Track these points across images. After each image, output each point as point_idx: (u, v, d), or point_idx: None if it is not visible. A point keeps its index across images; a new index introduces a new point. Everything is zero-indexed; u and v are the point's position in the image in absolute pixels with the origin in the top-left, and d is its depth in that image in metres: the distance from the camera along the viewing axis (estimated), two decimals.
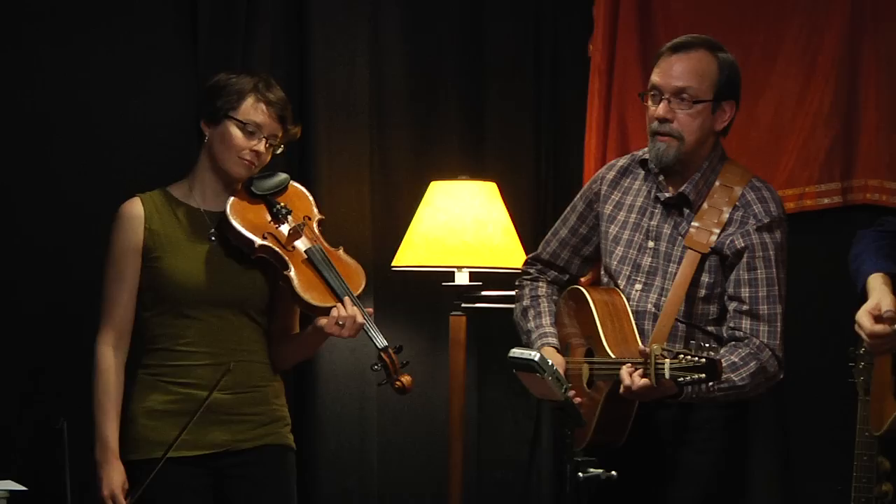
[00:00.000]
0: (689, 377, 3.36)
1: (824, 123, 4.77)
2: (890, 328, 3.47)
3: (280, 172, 3.93)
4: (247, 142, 3.78)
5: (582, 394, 3.68)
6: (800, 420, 4.78)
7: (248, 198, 3.85)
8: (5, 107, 4.40)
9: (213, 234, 3.82)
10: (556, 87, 5.20)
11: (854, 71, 4.74)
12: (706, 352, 3.36)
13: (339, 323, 3.73)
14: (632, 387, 3.47)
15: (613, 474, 3.37)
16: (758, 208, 3.67)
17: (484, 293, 4.77)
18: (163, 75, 4.55)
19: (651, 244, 3.75)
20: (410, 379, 3.77)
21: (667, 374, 3.39)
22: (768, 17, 4.87)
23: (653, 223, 3.76)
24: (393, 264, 4.77)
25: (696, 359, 3.35)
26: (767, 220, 3.66)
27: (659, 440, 3.66)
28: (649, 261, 3.74)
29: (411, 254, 4.72)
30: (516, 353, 3.43)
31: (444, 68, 5.10)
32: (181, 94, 4.52)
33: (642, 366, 3.45)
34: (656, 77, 3.71)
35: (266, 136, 3.80)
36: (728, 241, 3.65)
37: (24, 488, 3.67)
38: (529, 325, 3.89)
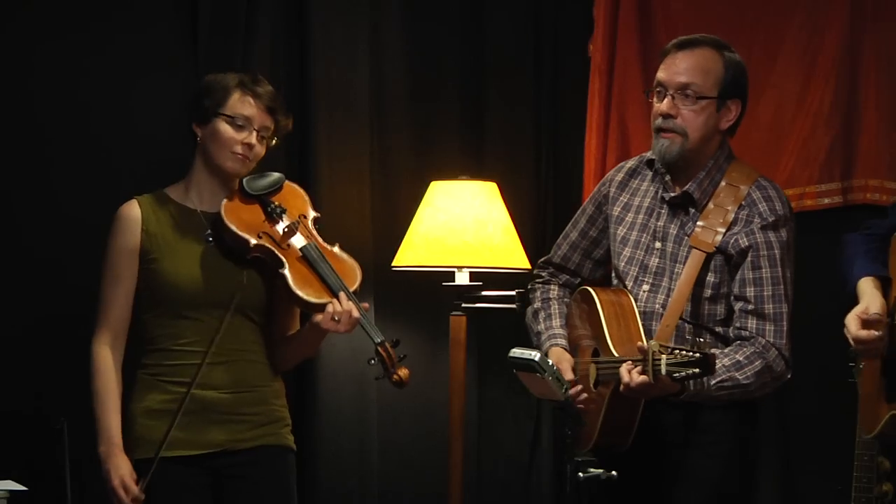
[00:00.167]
0: (684, 372, 3.36)
1: (824, 123, 4.78)
2: (874, 334, 3.49)
3: (274, 172, 3.93)
4: (237, 135, 3.79)
5: (589, 394, 3.68)
6: (800, 420, 4.79)
7: (242, 198, 3.85)
8: (1, 106, 4.40)
9: (210, 234, 3.82)
10: (556, 87, 5.20)
11: (854, 71, 4.75)
12: (701, 347, 3.36)
13: (335, 318, 3.73)
14: (630, 383, 3.47)
15: (614, 474, 3.37)
16: (763, 207, 3.66)
17: (484, 293, 4.77)
18: (162, 75, 4.55)
19: (658, 245, 3.75)
20: (408, 372, 3.76)
21: (663, 369, 3.39)
22: (768, 17, 4.87)
23: (659, 224, 3.75)
24: (393, 264, 4.77)
25: (690, 354, 3.36)
26: (772, 219, 3.65)
27: (666, 443, 3.65)
28: (656, 262, 3.74)
29: (411, 254, 4.72)
30: (516, 353, 3.43)
31: (444, 68, 5.11)
32: (181, 95, 4.51)
33: (641, 363, 3.45)
34: (661, 73, 3.70)
35: (257, 128, 3.80)
36: (733, 241, 3.64)
37: (24, 488, 3.67)
38: (539, 326, 3.89)
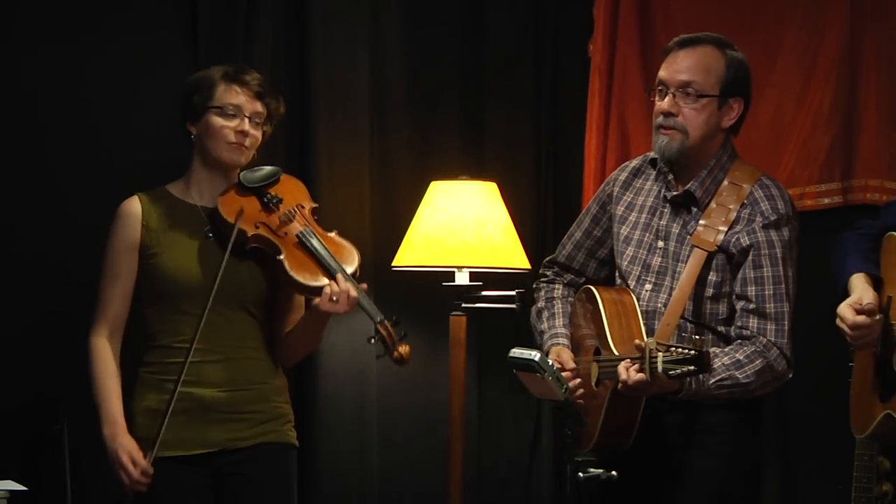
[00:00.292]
0: (679, 370, 3.36)
1: (824, 123, 4.78)
2: (871, 319, 3.49)
3: (269, 166, 3.93)
4: (229, 124, 3.80)
5: (591, 393, 3.68)
6: (800, 420, 4.79)
7: (238, 192, 3.85)
8: (1, 105, 4.41)
9: (209, 230, 3.83)
10: (556, 87, 5.20)
11: (854, 71, 4.75)
12: (697, 345, 3.36)
13: (333, 298, 3.73)
14: (628, 381, 3.47)
15: (614, 474, 3.37)
16: (765, 206, 3.66)
17: (484, 293, 4.76)
18: (162, 75, 4.55)
19: (661, 244, 3.74)
20: (409, 349, 3.76)
21: (659, 367, 3.38)
22: (768, 17, 4.87)
23: (662, 223, 3.75)
24: (393, 264, 4.77)
25: (686, 352, 3.35)
26: (774, 218, 3.64)
27: (668, 443, 3.65)
28: (659, 261, 3.73)
29: (411, 254, 4.72)
30: (516, 353, 3.42)
31: (444, 68, 5.11)
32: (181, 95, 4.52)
33: (639, 361, 3.45)
34: (662, 72, 3.70)
35: (248, 115, 3.81)
36: (734, 240, 3.64)
37: (24, 488, 3.67)
38: (542, 325, 3.89)
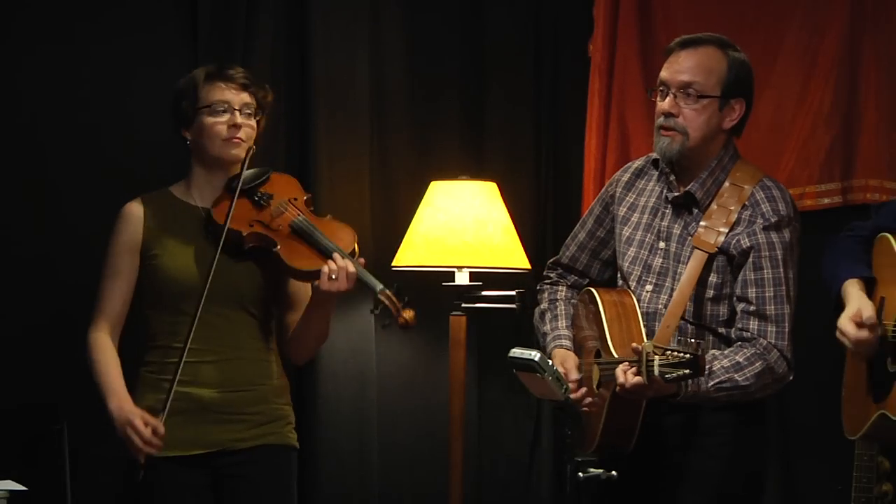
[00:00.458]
0: (675, 373, 3.36)
1: (824, 123, 4.77)
2: (872, 334, 3.50)
3: (258, 167, 3.94)
4: (220, 120, 3.80)
5: (592, 396, 3.67)
6: (800, 420, 4.78)
7: (230, 196, 3.86)
8: (0, 105, 4.41)
9: (210, 231, 3.83)
10: (556, 87, 5.20)
11: (854, 71, 4.74)
12: (693, 348, 3.36)
13: (332, 276, 3.74)
14: (626, 384, 3.46)
15: (613, 474, 3.36)
16: (766, 207, 3.64)
17: (484, 293, 4.76)
18: (163, 75, 4.54)
19: (662, 245, 3.73)
20: (413, 313, 3.77)
21: (656, 370, 3.38)
22: (768, 17, 4.87)
23: (664, 223, 3.74)
24: (393, 264, 4.77)
25: (681, 355, 3.35)
26: (775, 220, 3.63)
27: (668, 445, 3.64)
28: (660, 262, 3.72)
29: (411, 254, 4.72)
30: (516, 353, 3.42)
31: (444, 68, 5.11)
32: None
33: (636, 364, 3.45)
34: (664, 72, 3.69)
35: (237, 108, 3.82)
36: (735, 241, 3.63)
37: (24, 488, 3.67)
38: (546, 327, 3.88)
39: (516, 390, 4.81)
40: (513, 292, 4.62)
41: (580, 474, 3.36)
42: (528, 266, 4.75)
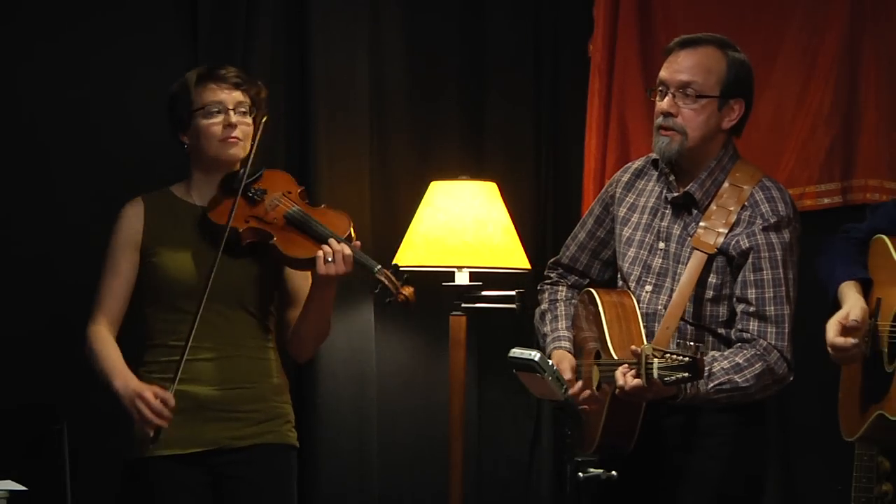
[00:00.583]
0: (674, 376, 3.36)
1: (824, 123, 4.77)
2: (850, 342, 3.50)
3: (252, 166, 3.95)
4: (216, 121, 3.81)
5: (592, 397, 3.67)
6: (800, 420, 4.78)
7: (224, 195, 3.87)
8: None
9: (209, 230, 3.84)
10: (556, 87, 5.20)
11: (854, 71, 4.74)
12: (692, 351, 3.35)
13: (328, 260, 3.75)
14: (625, 387, 3.46)
15: (613, 474, 3.36)
16: (765, 208, 3.64)
17: (484, 293, 4.76)
18: (163, 75, 4.54)
19: (662, 245, 3.73)
20: (412, 290, 3.81)
21: (655, 373, 3.38)
22: (768, 17, 4.87)
23: (663, 224, 3.73)
24: (393, 264, 4.76)
25: (680, 358, 3.35)
26: (774, 220, 3.62)
27: (668, 445, 3.63)
28: (660, 262, 3.72)
29: (411, 254, 4.72)
30: (516, 353, 3.42)
31: (444, 68, 5.11)
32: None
33: (635, 366, 3.45)
34: (663, 72, 3.69)
35: (231, 107, 3.82)
36: (734, 242, 3.62)
37: (24, 488, 3.67)
38: (546, 328, 3.87)
39: (516, 390, 4.81)
40: (513, 292, 4.62)
41: (580, 474, 3.35)
42: (528, 266, 4.75)
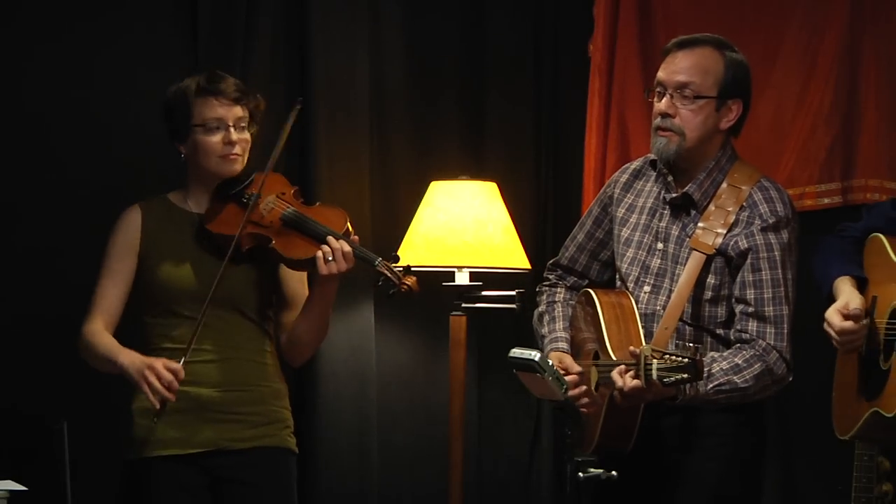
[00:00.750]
0: (673, 377, 3.36)
1: (824, 123, 4.77)
2: (857, 324, 3.50)
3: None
4: (216, 138, 3.80)
5: (591, 398, 3.67)
6: (800, 420, 4.78)
7: (218, 202, 3.87)
8: (0, 106, 4.41)
9: (203, 241, 3.84)
10: (556, 87, 5.20)
11: (854, 71, 4.74)
12: (692, 352, 3.35)
13: (329, 258, 3.74)
14: (624, 388, 3.46)
15: (614, 474, 3.36)
16: (764, 208, 3.64)
17: (484, 293, 4.76)
18: (162, 75, 4.54)
19: (660, 246, 3.73)
20: (415, 279, 3.81)
21: (654, 374, 3.38)
22: (768, 17, 4.87)
23: (662, 224, 3.73)
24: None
25: (679, 359, 3.35)
26: (773, 221, 3.62)
27: (667, 446, 3.64)
28: (658, 262, 3.72)
29: (411, 254, 4.71)
30: (516, 353, 3.42)
31: (444, 68, 5.11)
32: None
33: (634, 367, 3.45)
34: (661, 73, 3.69)
35: (231, 124, 3.81)
36: (732, 243, 3.62)
37: (24, 488, 3.67)
38: (543, 330, 3.87)
39: (516, 390, 4.81)
40: (513, 292, 4.62)
41: (580, 474, 3.35)
42: (528, 266, 4.75)
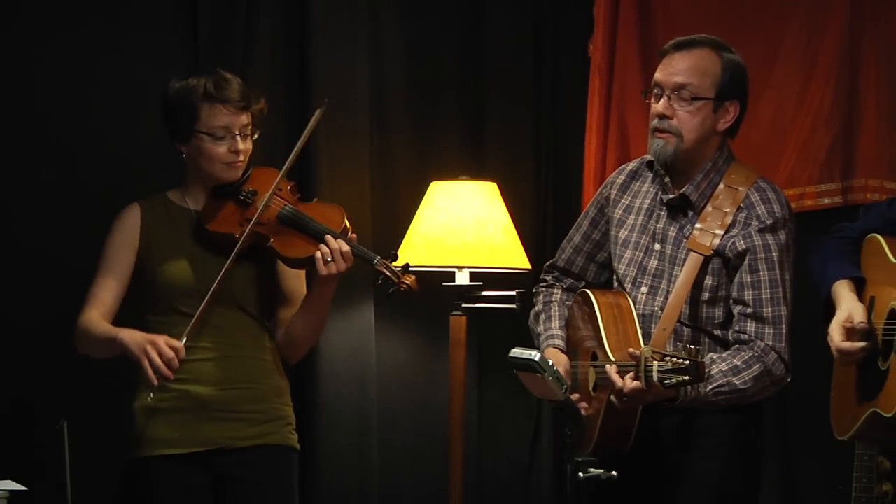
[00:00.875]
0: (675, 379, 3.36)
1: (824, 123, 4.77)
2: (857, 346, 3.52)
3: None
4: (223, 146, 3.80)
5: (588, 398, 3.67)
6: (800, 420, 4.78)
7: (215, 200, 3.87)
8: (1, 106, 4.41)
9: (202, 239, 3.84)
10: (556, 87, 5.20)
11: (854, 71, 4.74)
12: (692, 354, 3.35)
13: (328, 259, 3.74)
14: (624, 389, 3.46)
15: (614, 474, 3.36)
16: (761, 209, 3.64)
17: (484, 293, 4.76)
18: (162, 75, 4.54)
19: (657, 247, 3.73)
20: (414, 278, 3.81)
21: (654, 376, 3.38)
22: (768, 17, 4.87)
23: (659, 225, 3.73)
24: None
25: (681, 361, 3.35)
26: (771, 222, 3.63)
27: (665, 447, 3.64)
28: (655, 263, 3.72)
29: (411, 254, 4.71)
30: (516, 353, 3.42)
31: (444, 68, 5.11)
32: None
33: (634, 369, 3.45)
34: (658, 74, 3.69)
35: (237, 132, 3.81)
36: (730, 244, 3.63)
37: (24, 488, 3.67)
38: (539, 328, 3.87)
39: (516, 390, 4.80)
40: (513, 292, 4.62)
41: (580, 474, 3.35)
42: (529, 266, 4.75)
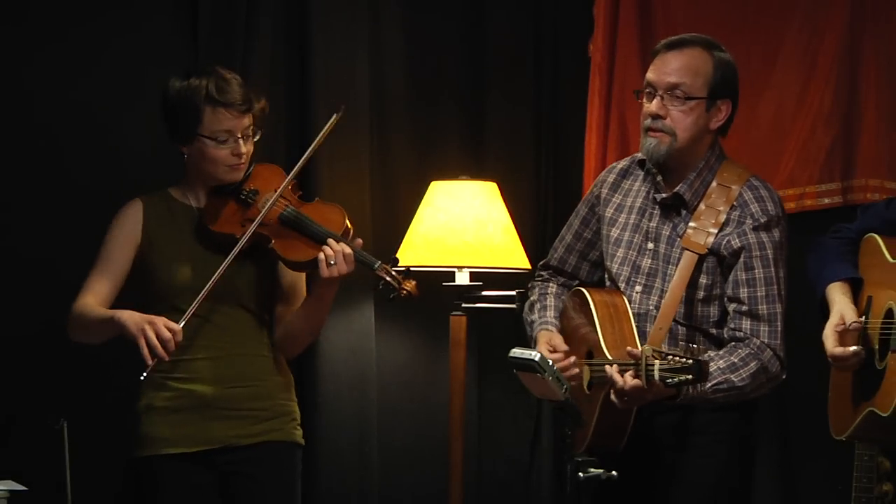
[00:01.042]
0: (676, 378, 3.36)
1: (824, 123, 4.77)
2: (850, 351, 3.52)
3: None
4: (225, 149, 3.80)
5: (582, 397, 3.67)
6: (800, 420, 4.78)
7: (217, 199, 3.87)
8: (1, 106, 4.41)
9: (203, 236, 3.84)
10: (556, 87, 5.20)
11: (854, 71, 4.74)
12: (694, 353, 3.35)
13: (331, 262, 3.74)
14: (624, 387, 3.46)
15: (614, 474, 3.36)
16: (755, 207, 3.65)
17: (484, 293, 4.76)
18: (162, 74, 4.54)
19: (650, 246, 3.74)
20: (414, 283, 3.81)
21: (656, 375, 3.38)
22: (768, 17, 4.87)
23: (652, 224, 3.74)
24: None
25: (683, 360, 3.35)
26: (765, 220, 3.64)
27: (661, 445, 3.65)
28: (649, 262, 3.72)
29: (411, 254, 4.72)
30: (516, 353, 3.42)
31: (444, 68, 5.11)
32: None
33: (634, 367, 3.45)
34: (650, 74, 3.70)
35: (240, 135, 3.81)
36: (725, 242, 3.63)
37: (24, 488, 3.67)
38: (533, 316, 3.88)
39: (516, 390, 4.80)
40: (513, 292, 4.62)
41: (580, 474, 3.36)
42: (529, 266, 4.75)
